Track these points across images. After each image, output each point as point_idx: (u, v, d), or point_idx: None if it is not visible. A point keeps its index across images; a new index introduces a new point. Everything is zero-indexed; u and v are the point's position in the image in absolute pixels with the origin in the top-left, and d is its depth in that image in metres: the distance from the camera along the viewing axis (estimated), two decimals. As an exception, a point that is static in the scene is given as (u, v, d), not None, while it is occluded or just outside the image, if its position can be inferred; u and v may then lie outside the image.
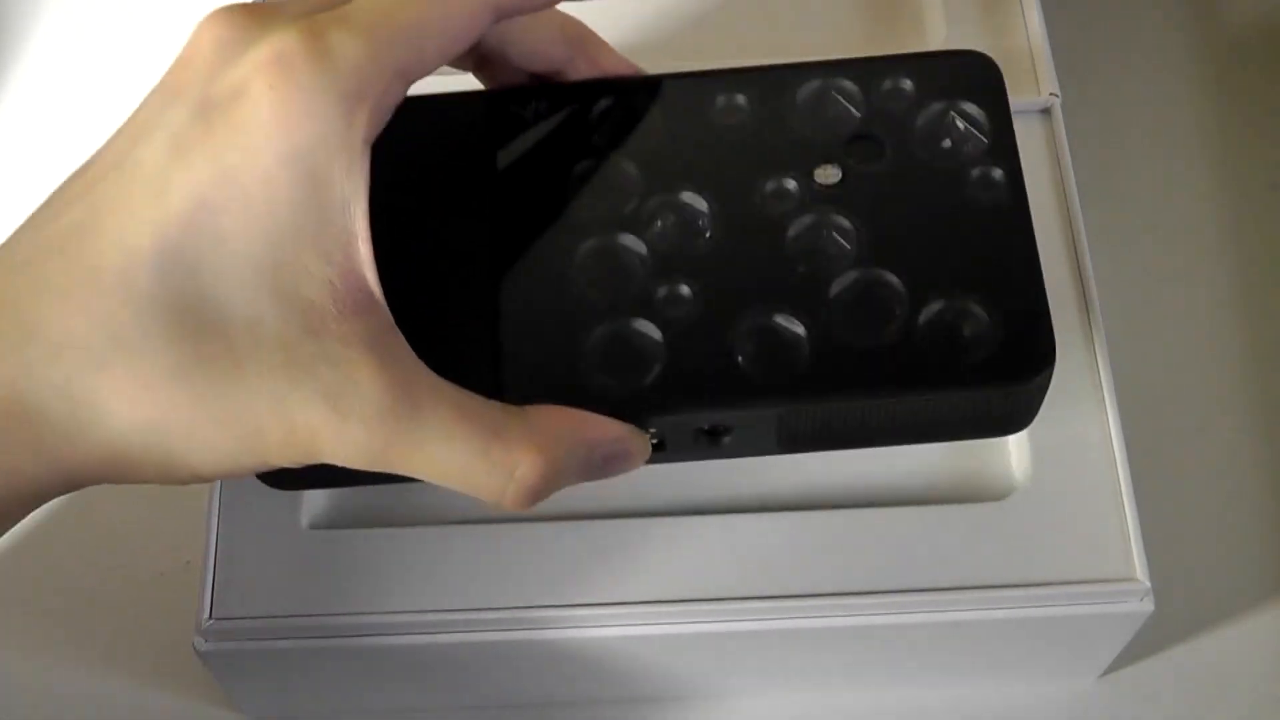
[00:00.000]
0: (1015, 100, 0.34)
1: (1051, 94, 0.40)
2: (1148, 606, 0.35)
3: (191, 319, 0.27)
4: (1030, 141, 0.39)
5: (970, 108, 0.34)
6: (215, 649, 0.35)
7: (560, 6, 0.33)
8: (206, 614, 0.35)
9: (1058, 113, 0.40)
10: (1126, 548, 0.35)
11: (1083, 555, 0.35)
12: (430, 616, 0.35)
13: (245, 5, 0.29)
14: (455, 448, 0.29)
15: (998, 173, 0.33)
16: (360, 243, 0.28)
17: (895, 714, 0.41)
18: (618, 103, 0.35)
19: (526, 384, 0.32)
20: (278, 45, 0.28)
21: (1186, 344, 0.45)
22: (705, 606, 0.35)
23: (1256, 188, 0.48)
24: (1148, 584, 0.35)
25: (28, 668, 0.40)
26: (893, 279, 0.32)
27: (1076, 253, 0.38)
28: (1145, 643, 0.40)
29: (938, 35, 0.42)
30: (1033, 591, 0.35)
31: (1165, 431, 0.44)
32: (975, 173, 0.33)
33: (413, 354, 0.29)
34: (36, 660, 0.40)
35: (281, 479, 0.33)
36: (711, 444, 0.32)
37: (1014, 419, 0.33)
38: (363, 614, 0.35)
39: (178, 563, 0.41)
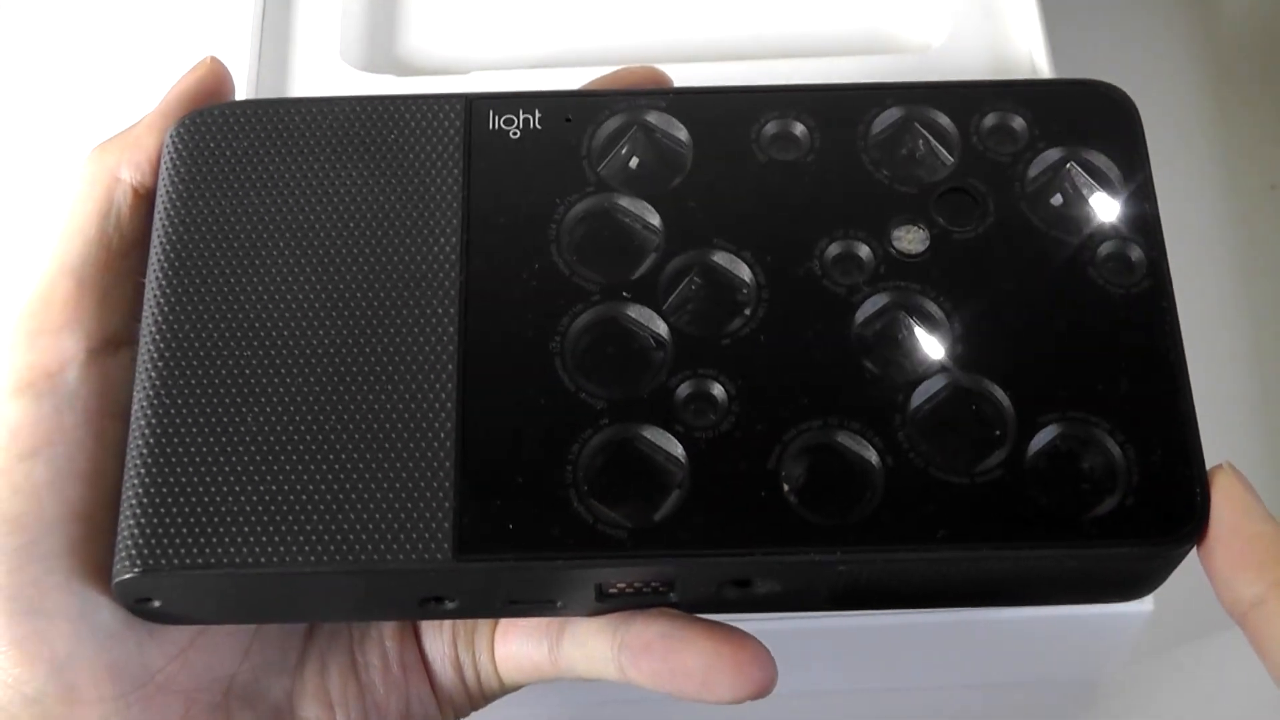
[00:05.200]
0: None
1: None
2: (1147, 606, 0.35)
3: None
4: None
5: (1100, 159, 0.26)
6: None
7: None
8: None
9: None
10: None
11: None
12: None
13: None
14: None
15: (1135, 251, 0.26)
16: None
17: (895, 713, 0.41)
18: (632, 122, 0.27)
19: (492, 518, 0.24)
20: None
21: (1186, 344, 0.45)
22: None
23: (1256, 188, 0.48)
24: (1148, 584, 0.35)
25: None
26: (995, 391, 0.24)
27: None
28: (1145, 643, 0.40)
29: (940, 34, 0.42)
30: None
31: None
32: (1105, 249, 0.26)
33: None
34: None
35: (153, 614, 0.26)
36: (741, 597, 0.25)
37: (1141, 585, 0.26)
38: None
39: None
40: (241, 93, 0.40)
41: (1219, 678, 0.41)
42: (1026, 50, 0.41)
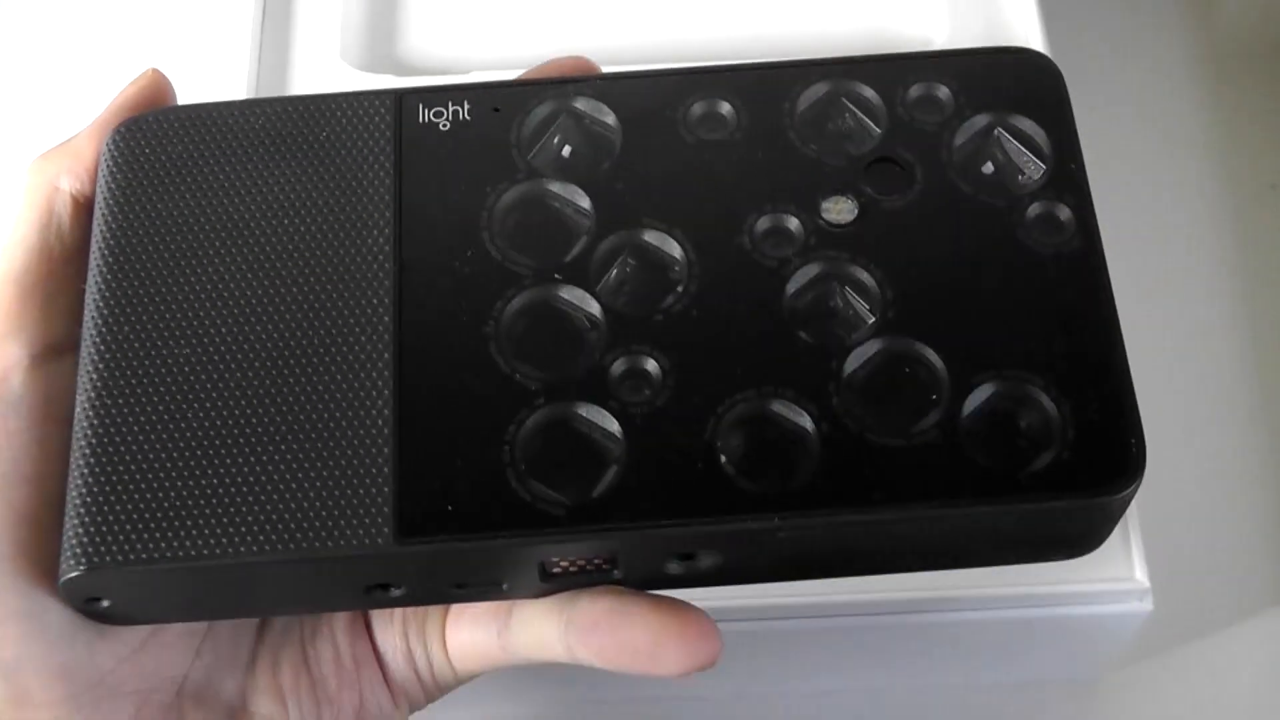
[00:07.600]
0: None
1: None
2: (1147, 606, 0.35)
3: None
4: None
5: (1025, 124, 0.27)
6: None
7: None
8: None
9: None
10: (1126, 549, 0.35)
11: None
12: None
13: None
14: None
15: (1063, 211, 0.26)
16: None
17: (896, 712, 0.41)
18: (561, 109, 0.27)
19: (431, 501, 0.24)
20: None
21: (1186, 344, 0.45)
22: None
23: (1256, 188, 0.48)
24: (1147, 584, 0.35)
25: None
26: (927, 353, 0.25)
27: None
28: (1145, 643, 0.40)
29: (939, 33, 0.42)
30: (1033, 591, 0.35)
31: (1164, 432, 0.43)
32: (1033, 210, 0.26)
33: None
34: None
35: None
36: (685, 571, 0.25)
37: (1084, 540, 0.25)
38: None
39: None
40: (241, 93, 0.40)
41: (1219, 678, 0.41)
42: (1026, 50, 0.41)
